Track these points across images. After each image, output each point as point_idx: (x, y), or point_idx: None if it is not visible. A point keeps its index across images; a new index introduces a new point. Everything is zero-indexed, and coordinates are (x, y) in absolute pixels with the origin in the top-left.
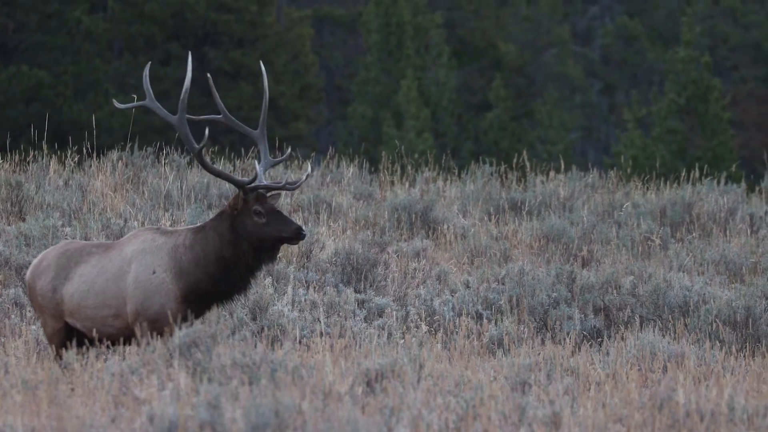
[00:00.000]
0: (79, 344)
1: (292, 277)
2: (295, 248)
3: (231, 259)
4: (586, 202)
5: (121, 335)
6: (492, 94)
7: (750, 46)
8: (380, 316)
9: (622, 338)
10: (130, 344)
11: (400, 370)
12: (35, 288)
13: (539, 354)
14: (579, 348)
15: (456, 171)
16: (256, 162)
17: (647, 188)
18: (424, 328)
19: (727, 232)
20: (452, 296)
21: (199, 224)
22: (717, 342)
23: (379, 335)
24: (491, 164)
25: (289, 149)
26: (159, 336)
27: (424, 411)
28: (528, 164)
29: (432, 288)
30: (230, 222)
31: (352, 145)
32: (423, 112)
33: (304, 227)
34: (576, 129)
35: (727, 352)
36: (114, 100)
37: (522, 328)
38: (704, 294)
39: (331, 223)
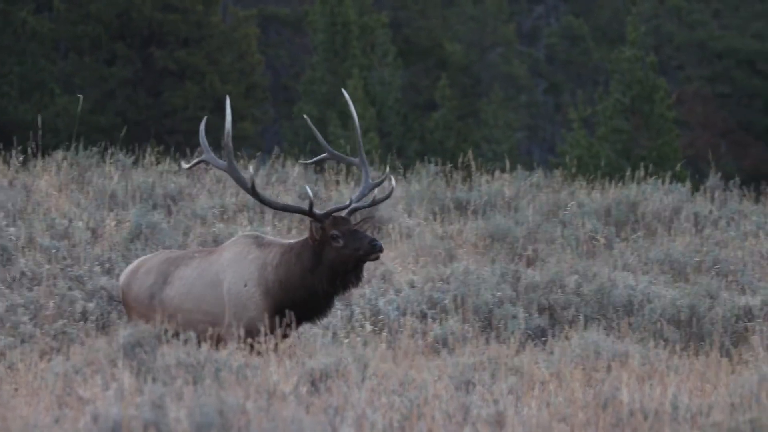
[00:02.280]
0: None
1: None
2: None
3: (310, 287)
4: (531, 202)
5: (218, 337)
6: (438, 94)
7: (695, 45)
8: None
9: (567, 337)
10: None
11: (345, 369)
12: (129, 293)
13: (483, 353)
14: (523, 347)
15: (401, 170)
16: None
17: (592, 187)
18: (369, 327)
19: (672, 231)
20: (397, 296)
21: (289, 243)
22: (661, 341)
23: (323, 335)
24: (437, 164)
25: (388, 170)
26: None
27: (368, 410)
28: (473, 163)
29: (377, 287)
30: (312, 251)
31: (297, 144)
32: (368, 111)
33: (377, 239)
34: (521, 128)
35: (671, 351)
36: (182, 162)
37: (466, 328)
38: (648, 293)
39: (277, 223)
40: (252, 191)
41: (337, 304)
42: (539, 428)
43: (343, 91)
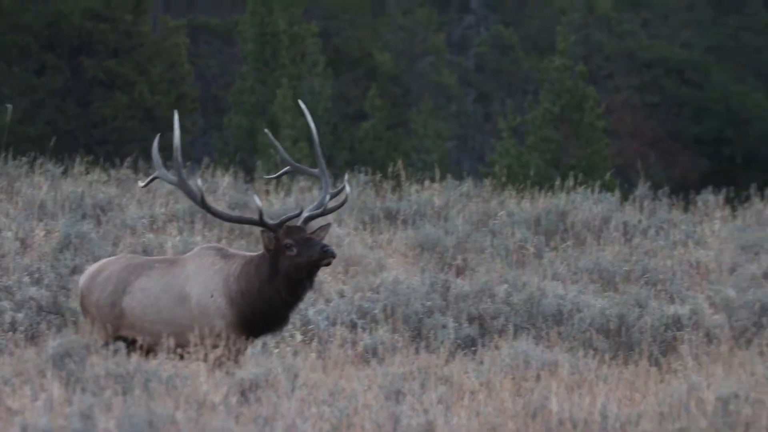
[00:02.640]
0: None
1: None
2: None
3: (269, 298)
4: (461, 211)
5: (181, 348)
6: (367, 104)
7: (624, 55)
8: None
9: (496, 347)
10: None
11: (275, 379)
12: (90, 298)
13: (413, 363)
14: (453, 357)
15: (331, 180)
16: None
17: (522, 197)
18: (299, 337)
19: (601, 240)
20: (327, 306)
21: (250, 255)
22: (590, 350)
23: (253, 345)
24: (366, 173)
25: (346, 180)
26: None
27: (298, 420)
28: (403, 173)
29: (307, 297)
30: (269, 262)
31: (227, 154)
32: (298, 121)
33: (328, 245)
34: (451, 138)
35: (600, 361)
36: (139, 182)
37: (396, 337)
38: (578, 302)
39: (206, 233)
40: (202, 204)
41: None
42: None
43: (300, 102)
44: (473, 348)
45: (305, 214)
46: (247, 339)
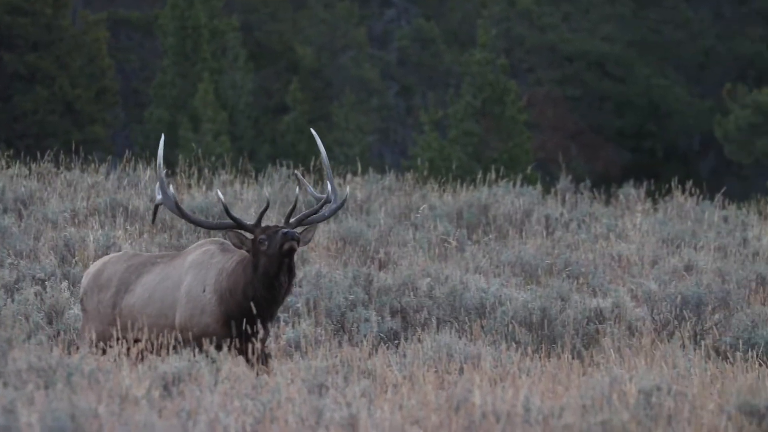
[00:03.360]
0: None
1: None
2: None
3: (252, 297)
4: (383, 205)
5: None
6: (289, 97)
7: (546, 48)
8: None
9: (419, 340)
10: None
11: (197, 373)
12: (92, 298)
13: (336, 356)
14: (376, 350)
15: (253, 174)
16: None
17: (444, 190)
18: None
19: (523, 233)
20: None
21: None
22: (513, 343)
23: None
24: (288, 167)
25: (348, 192)
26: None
27: (221, 414)
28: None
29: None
30: (253, 262)
31: (149, 148)
32: (220, 115)
33: (288, 228)
34: (373, 132)
35: (522, 354)
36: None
37: (319, 331)
38: (500, 295)
39: (128, 227)
40: (179, 213)
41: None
42: (392, 431)
43: (313, 131)
44: (396, 341)
45: (298, 216)
46: (232, 337)
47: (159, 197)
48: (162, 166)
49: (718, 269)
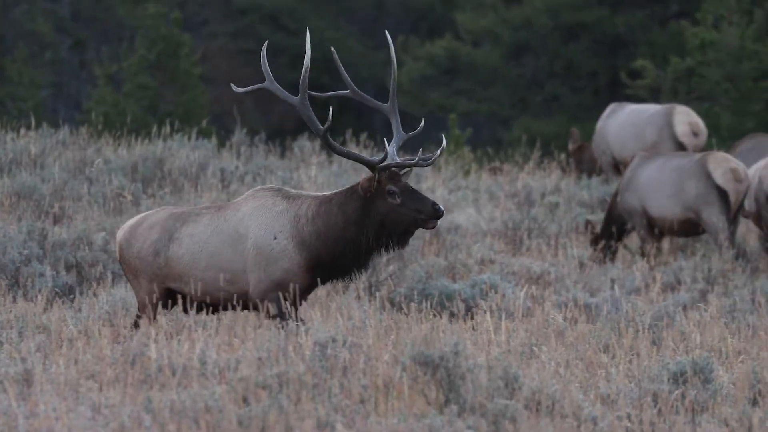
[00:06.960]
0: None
1: None
2: None
3: (353, 240)
4: (58, 159)
5: (233, 300)
6: None
7: (219, 1)
8: None
9: (95, 294)
10: (242, 310)
11: None
12: (130, 250)
13: (11, 311)
14: (51, 305)
15: None
16: (386, 140)
17: (119, 144)
18: None
19: (199, 186)
20: None
21: (324, 195)
22: None
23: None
24: None
25: (423, 121)
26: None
27: None
28: None
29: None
30: (361, 203)
31: None
32: None
33: (439, 204)
34: (47, 86)
35: None
36: (232, 84)
37: None
38: None
39: None
40: (323, 136)
41: None
42: (67, 386)
43: (386, 33)
44: (71, 296)
45: (396, 160)
46: (313, 284)
47: (270, 84)
48: (308, 68)
49: None
